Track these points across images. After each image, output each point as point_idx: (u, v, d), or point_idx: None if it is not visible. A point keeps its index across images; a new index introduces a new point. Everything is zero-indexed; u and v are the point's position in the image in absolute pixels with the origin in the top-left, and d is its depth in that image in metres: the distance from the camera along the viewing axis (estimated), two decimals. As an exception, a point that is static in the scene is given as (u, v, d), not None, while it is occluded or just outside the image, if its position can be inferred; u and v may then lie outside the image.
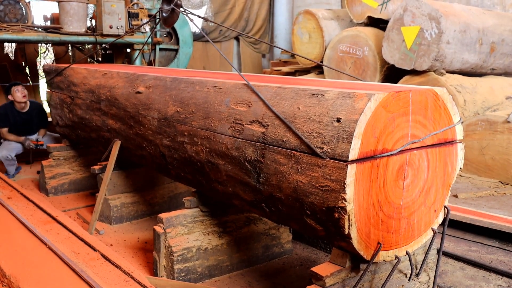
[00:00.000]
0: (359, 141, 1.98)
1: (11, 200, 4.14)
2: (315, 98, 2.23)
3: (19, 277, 2.77)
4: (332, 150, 2.03)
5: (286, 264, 3.52)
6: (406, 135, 2.19)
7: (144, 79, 3.66)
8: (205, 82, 3.01)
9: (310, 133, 2.14)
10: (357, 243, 2.13)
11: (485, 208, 4.41)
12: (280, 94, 2.42)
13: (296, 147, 2.19)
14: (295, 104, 2.30)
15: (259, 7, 11.10)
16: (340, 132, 2.02)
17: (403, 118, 2.16)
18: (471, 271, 3.34)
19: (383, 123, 2.07)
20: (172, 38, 7.74)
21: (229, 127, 2.63)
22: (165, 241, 3.13)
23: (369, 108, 2.00)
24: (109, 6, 6.16)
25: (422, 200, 2.37)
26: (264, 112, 2.43)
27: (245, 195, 2.64)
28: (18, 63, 8.06)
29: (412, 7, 5.94)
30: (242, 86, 2.70)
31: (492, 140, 5.15)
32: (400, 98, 2.12)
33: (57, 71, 5.08)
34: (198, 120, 2.88)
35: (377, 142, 2.07)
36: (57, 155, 5.20)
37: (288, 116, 2.28)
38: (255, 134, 2.43)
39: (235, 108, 2.64)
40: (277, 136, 2.30)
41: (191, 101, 3.00)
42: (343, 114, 2.04)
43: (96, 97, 4.19)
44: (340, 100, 2.10)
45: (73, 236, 3.40)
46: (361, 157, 2.00)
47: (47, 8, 8.24)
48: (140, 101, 3.53)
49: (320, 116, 2.14)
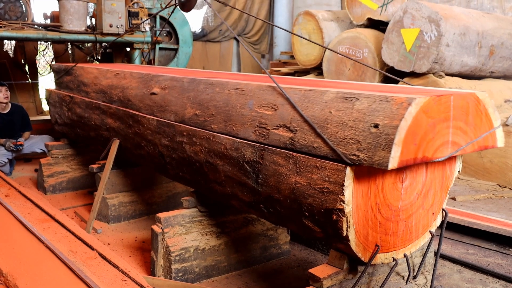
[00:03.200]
0: (399, 148, 1.86)
1: (8, 198, 4.13)
2: (348, 102, 2.09)
3: (16, 275, 2.76)
4: (369, 158, 1.90)
5: (283, 265, 3.52)
6: (447, 143, 2.08)
7: (159, 79, 3.50)
8: (226, 84, 2.86)
9: (344, 139, 2.02)
10: (355, 245, 2.13)
11: (483, 211, 4.42)
12: (309, 97, 2.29)
13: (329, 154, 2.06)
14: (326, 108, 2.16)
15: (259, 8, 11.11)
16: (378, 138, 1.89)
17: (444, 124, 2.04)
18: (469, 274, 3.34)
19: (423, 130, 1.94)
20: (172, 37, 7.74)
21: (252, 132, 2.48)
22: (163, 241, 3.13)
23: (410, 113, 1.86)
24: (109, 5, 6.15)
25: (420, 202, 2.37)
26: (292, 116, 2.29)
27: (243, 195, 2.64)
28: (17, 61, 8.06)
29: (412, 9, 5.94)
30: (267, 88, 2.56)
31: (490, 143, 5.16)
32: (441, 102, 2.00)
33: (66, 70, 5.04)
34: (218, 123, 2.74)
35: (417, 150, 1.94)
36: (55, 153, 5.19)
37: (319, 121, 2.15)
38: (282, 140, 2.30)
39: (259, 111, 2.49)
40: (307, 142, 2.17)
41: (210, 103, 2.85)
42: (381, 120, 1.91)
43: (108, 97, 4.07)
44: (377, 105, 1.97)
45: (71, 235, 3.40)
46: (401, 166, 1.88)
47: (47, 6, 8.23)
48: (155, 103, 3.38)
49: (355, 122, 2.00)
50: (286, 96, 2.38)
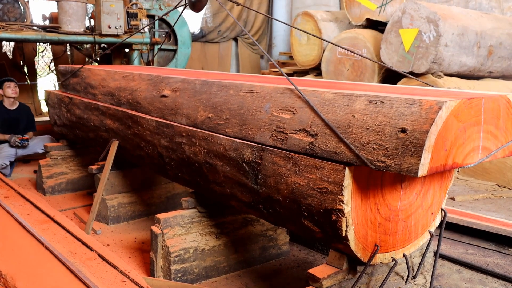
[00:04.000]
0: (429, 154, 1.77)
1: (8, 199, 4.13)
2: (373, 105, 2.00)
3: (15, 277, 2.76)
4: (397, 165, 1.82)
5: (283, 266, 3.52)
6: (477, 148, 1.99)
7: (170, 81, 3.41)
8: (240, 86, 2.76)
9: (369, 145, 1.92)
10: (354, 245, 2.13)
11: (482, 211, 4.42)
12: (330, 100, 2.19)
13: (352, 160, 1.97)
14: (349, 112, 2.06)
15: (258, 8, 11.11)
16: (407, 144, 1.80)
17: (474, 128, 1.95)
18: (468, 273, 3.35)
19: (454, 135, 1.86)
20: (171, 38, 7.75)
21: (270, 136, 2.38)
22: (162, 242, 3.13)
23: (440, 117, 1.77)
24: (108, 6, 6.15)
25: (419, 202, 2.37)
26: (312, 120, 2.20)
27: (242, 196, 2.64)
28: (16, 62, 8.06)
29: (411, 9, 5.95)
30: (284, 91, 2.46)
31: (489, 143, 5.16)
32: (472, 106, 1.90)
33: (73, 71, 5.01)
34: (233, 127, 2.64)
35: (447, 156, 1.86)
36: (54, 154, 5.19)
37: (341, 125, 2.06)
38: (302, 145, 2.21)
39: (277, 115, 2.39)
40: (328, 147, 2.08)
41: (224, 106, 2.75)
42: (410, 124, 1.81)
43: (116, 100, 3.99)
44: (404, 108, 1.88)
45: (70, 236, 3.40)
46: (430, 172, 1.80)
47: (46, 7, 8.23)
48: (165, 106, 3.28)
49: (380, 126, 1.91)
50: (305, 99, 2.29)
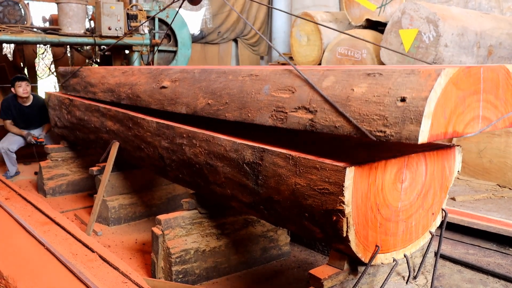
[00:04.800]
0: (429, 121, 1.79)
1: (9, 201, 4.14)
2: (371, 78, 2.02)
3: (17, 278, 2.76)
4: (397, 134, 1.83)
5: (283, 266, 3.52)
6: (477, 117, 1.99)
7: (169, 73, 3.44)
8: (239, 71, 2.77)
9: (369, 116, 1.94)
10: (355, 246, 2.13)
11: (483, 211, 4.42)
12: (329, 77, 2.23)
13: (352, 132, 2.00)
14: (348, 86, 2.08)
15: (258, 10, 11.12)
16: (406, 112, 1.82)
17: (474, 97, 1.96)
18: (469, 274, 3.35)
19: (453, 103, 1.87)
20: (171, 39, 7.75)
21: (269, 116, 2.41)
22: (163, 243, 3.13)
23: (439, 84, 1.79)
24: (108, 8, 6.15)
25: (420, 203, 2.37)
26: (311, 97, 2.22)
27: (243, 197, 2.64)
28: (16, 64, 8.06)
29: (410, 10, 5.96)
30: (283, 72, 2.48)
31: (489, 143, 5.17)
32: (471, 74, 1.92)
33: (73, 72, 5.04)
34: (232, 111, 2.65)
35: (448, 124, 1.88)
36: (55, 156, 5.20)
37: (340, 99, 2.07)
38: (301, 122, 2.23)
39: (276, 95, 2.42)
40: (328, 122, 2.10)
41: (224, 91, 2.77)
42: (409, 93, 1.83)
43: (116, 96, 4.01)
44: (403, 78, 1.89)
45: (71, 238, 3.40)
46: (431, 140, 1.81)
47: (46, 9, 8.23)
48: (165, 96, 3.30)
49: (379, 97, 1.93)
50: (303, 77, 2.31)
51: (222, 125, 2.93)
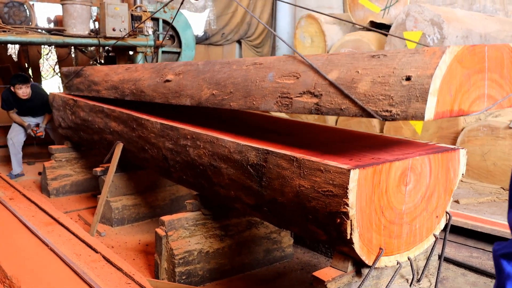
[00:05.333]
0: (434, 98, 1.81)
1: (13, 201, 4.15)
2: (376, 59, 2.05)
3: (21, 278, 2.77)
4: (403, 112, 1.86)
5: (287, 268, 3.52)
6: (483, 95, 2.00)
7: (173, 66, 3.48)
8: (243, 61, 2.81)
9: (374, 96, 1.97)
10: (359, 248, 2.13)
11: (487, 214, 4.41)
12: (333, 61, 2.25)
13: (358, 114, 2.02)
14: (352, 69, 2.11)
15: (262, 11, 11.12)
16: (412, 90, 1.84)
17: (479, 75, 1.97)
18: (473, 277, 3.34)
19: (458, 80, 1.89)
20: (175, 41, 7.76)
21: (274, 103, 2.42)
22: (166, 244, 3.14)
23: (444, 61, 1.81)
24: (112, 9, 6.17)
25: (424, 205, 2.37)
26: (316, 81, 2.24)
27: (247, 199, 2.64)
28: (21, 64, 8.09)
29: (415, 12, 5.95)
30: (287, 59, 2.52)
31: (493, 146, 5.15)
32: (476, 53, 1.93)
33: (76, 72, 5.05)
34: (237, 100, 2.68)
35: (453, 102, 1.89)
36: (59, 156, 5.22)
37: (345, 82, 2.10)
38: (307, 106, 2.25)
39: (280, 82, 2.44)
40: (334, 104, 2.12)
41: (228, 81, 2.79)
42: (414, 71, 1.86)
43: (120, 92, 4.02)
44: (408, 58, 1.93)
45: (75, 238, 3.41)
46: (437, 117, 1.83)
47: (51, 10, 8.26)
48: (169, 90, 3.32)
49: (384, 77, 1.95)
50: (308, 62, 2.33)
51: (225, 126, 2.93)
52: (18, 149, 5.82)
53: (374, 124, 6.39)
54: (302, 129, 3.29)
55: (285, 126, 3.44)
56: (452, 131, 5.50)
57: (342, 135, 3.00)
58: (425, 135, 5.71)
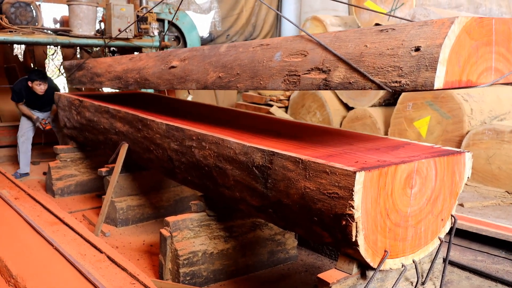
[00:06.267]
0: (444, 67, 1.84)
1: (18, 201, 4.16)
2: (384, 33, 2.07)
3: (26, 277, 2.78)
4: (413, 82, 1.89)
5: (291, 270, 3.52)
6: (490, 68, 2.02)
7: (178, 53, 3.47)
8: (249, 43, 2.83)
9: (383, 68, 2.00)
10: (364, 251, 2.13)
11: (491, 218, 4.39)
12: (341, 37, 2.26)
13: (366, 86, 2.05)
14: (361, 43, 2.13)
15: (267, 13, 11.13)
16: (421, 60, 1.87)
17: (486, 48, 1.99)
18: (477, 281, 3.33)
19: (467, 52, 1.91)
20: (180, 42, 7.78)
21: (282, 81, 2.45)
22: (171, 245, 3.14)
23: (453, 31, 1.84)
24: (118, 10, 6.19)
25: (429, 208, 2.37)
26: (324, 57, 2.26)
27: (252, 200, 2.65)
28: (27, 64, 8.12)
29: (420, 15, 5.95)
30: (294, 39, 2.53)
31: (498, 150, 5.14)
32: (484, 25, 1.95)
33: (78, 65, 5.05)
34: (244, 81, 2.70)
35: (462, 73, 1.92)
36: (64, 156, 5.23)
37: (354, 56, 2.13)
38: (315, 82, 2.28)
39: (288, 60, 2.46)
40: (342, 79, 2.15)
41: (235, 63, 2.81)
42: (423, 42, 1.89)
43: (123, 82, 4.03)
44: (416, 30, 1.95)
45: (80, 238, 3.41)
46: (446, 87, 1.87)
47: (57, 11, 8.30)
48: (174, 76, 3.33)
49: (393, 49, 1.98)
50: (315, 40, 2.35)
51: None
52: (28, 148, 5.86)
53: (378, 127, 6.38)
54: (307, 131, 3.29)
55: (290, 127, 3.45)
56: (457, 134, 5.48)
57: (347, 137, 3.00)
58: (430, 138, 5.70)
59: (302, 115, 7.53)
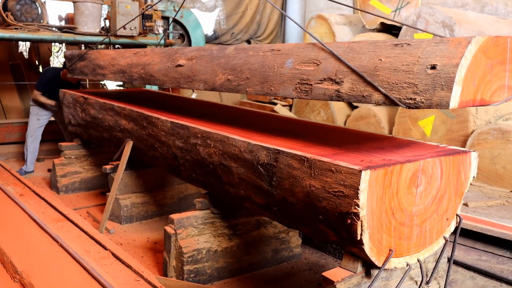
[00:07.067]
0: (459, 87, 1.84)
1: (23, 197, 4.17)
2: (399, 48, 2.07)
3: (31, 274, 2.79)
4: (428, 100, 1.89)
5: (294, 268, 3.52)
6: (503, 86, 2.04)
7: (185, 51, 3.44)
8: (260, 47, 2.81)
9: (398, 84, 2.00)
10: (369, 249, 2.13)
11: (496, 218, 4.38)
12: (355, 49, 2.25)
13: (381, 101, 2.05)
14: (375, 57, 2.13)
15: (271, 11, 11.12)
16: (437, 79, 1.87)
17: (501, 67, 2.01)
18: (482, 280, 3.32)
19: (482, 71, 1.93)
20: (185, 40, 7.78)
21: (293, 89, 2.43)
22: (175, 242, 3.15)
23: (470, 51, 1.85)
24: (123, 7, 6.20)
25: (434, 208, 2.36)
26: (337, 68, 2.26)
27: (257, 198, 2.65)
28: (32, 62, 8.15)
29: (426, 14, 5.93)
30: (306, 46, 2.52)
31: (504, 149, 5.12)
32: (499, 44, 1.97)
33: (80, 55, 5.02)
34: (254, 86, 2.68)
35: (476, 92, 1.93)
36: (68, 153, 5.24)
37: (368, 69, 2.12)
38: (327, 93, 2.27)
39: (300, 68, 2.44)
40: (355, 91, 2.14)
41: (244, 67, 2.78)
42: (439, 60, 1.89)
43: (127, 77, 3.99)
44: (432, 47, 1.95)
45: (84, 235, 3.42)
46: (461, 106, 1.87)
47: (62, 8, 8.32)
48: (181, 74, 3.29)
49: (408, 66, 1.98)
50: (328, 49, 2.34)
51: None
52: (36, 147, 5.85)
53: (383, 126, 6.37)
54: (312, 129, 3.28)
55: (295, 126, 3.44)
56: (461, 134, 5.47)
57: (352, 136, 2.99)
58: (435, 137, 5.69)
59: (306, 113, 7.52)
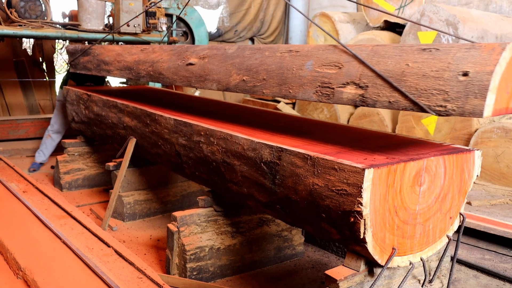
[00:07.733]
0: (493, 95, 1.78)
1: (26, 194, 4.18)
2: (427, 53, 2.00)
3: (34, 270, 2.80)
4: (460, 108, 1.83)
5: (297, 266, 3.52)
6: None
7: (196, 49, 3.34)
8: (277, 48, 2.72)
9: (427, 90, 1.93)
10: (372, 248, 2.13)
11: (499, 217, 4.36)
12: (379, 52, 2.19)
13: (409, 107, 1.99)
14: (402, 61, 2.06)
15: (275, 9, 11.10)
16: (469, 86, 1.81)
17: None
18: (485, 279, 3.31)
19: None
20: (188, 37, 7.78)
21: (314, 92, 2.36)
22: (178, 240, 3.15)
23: (504, 58, 1.79)
24: (127, 5, 6.20)
25: (438, 206, 2.36)
26: (361, 72, 2.18)
27: (260, 196, 2.65)
28: (35, 58, 8.16)
29: (430, 12, 5.90)
30: (326, 48, 2.44)
31: (507, 148, 5.10)
32: None
33: (83, 50, 4.98)
34: (271, 87, 2.60)
35: (509, 99, 1.89)
36: (71, 150, 5.25)
37: (394, 74, 2.06)
38: (351, 97, 2.20)
39: (320, 71, 2.36)
40: (381, 97, 2.08)
41: (260, 67, 2.70)
42: (471, 67, 1.83)
43: (134, 74, 3.92)
44: (463, 53, 1.89)
45: (87, 232, 3.43)
46: (494, 115, 1.82)
47: (66, 5, 8.34)
48: (192, 73, 3.20)
49: (438, 71, 1.91)
50: (351, 52, 2.26)
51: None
52: (57, 143, 5.88)
53: (386, 124, 6.36)
54: (315, 127, 3.28)
55: (298, 124, 3.44)
56: (465, 132, 5.45)
57: (356, 134, 2.99)
58: (438, 135, 5.67)
59: (309, 111, 7.51)
